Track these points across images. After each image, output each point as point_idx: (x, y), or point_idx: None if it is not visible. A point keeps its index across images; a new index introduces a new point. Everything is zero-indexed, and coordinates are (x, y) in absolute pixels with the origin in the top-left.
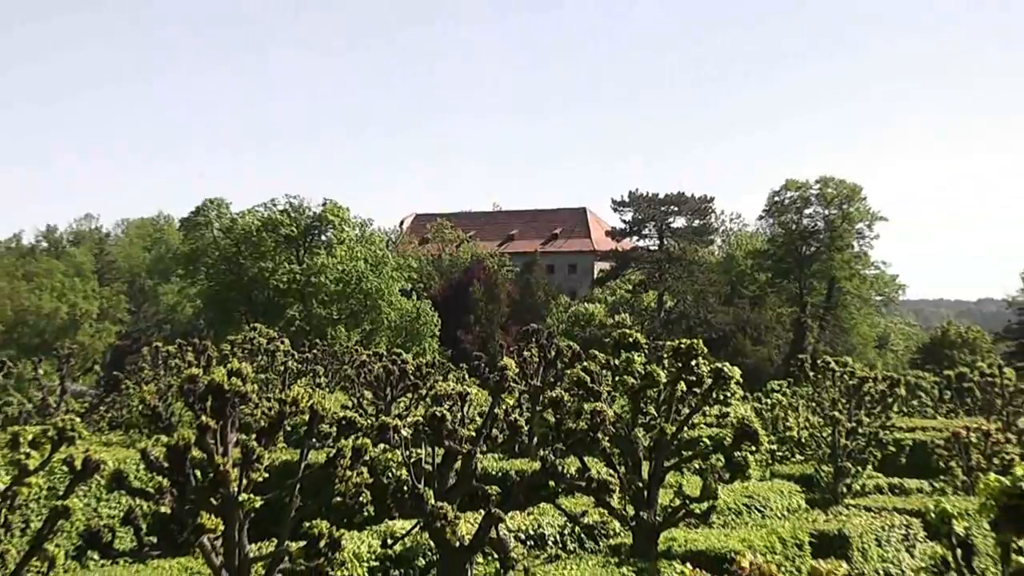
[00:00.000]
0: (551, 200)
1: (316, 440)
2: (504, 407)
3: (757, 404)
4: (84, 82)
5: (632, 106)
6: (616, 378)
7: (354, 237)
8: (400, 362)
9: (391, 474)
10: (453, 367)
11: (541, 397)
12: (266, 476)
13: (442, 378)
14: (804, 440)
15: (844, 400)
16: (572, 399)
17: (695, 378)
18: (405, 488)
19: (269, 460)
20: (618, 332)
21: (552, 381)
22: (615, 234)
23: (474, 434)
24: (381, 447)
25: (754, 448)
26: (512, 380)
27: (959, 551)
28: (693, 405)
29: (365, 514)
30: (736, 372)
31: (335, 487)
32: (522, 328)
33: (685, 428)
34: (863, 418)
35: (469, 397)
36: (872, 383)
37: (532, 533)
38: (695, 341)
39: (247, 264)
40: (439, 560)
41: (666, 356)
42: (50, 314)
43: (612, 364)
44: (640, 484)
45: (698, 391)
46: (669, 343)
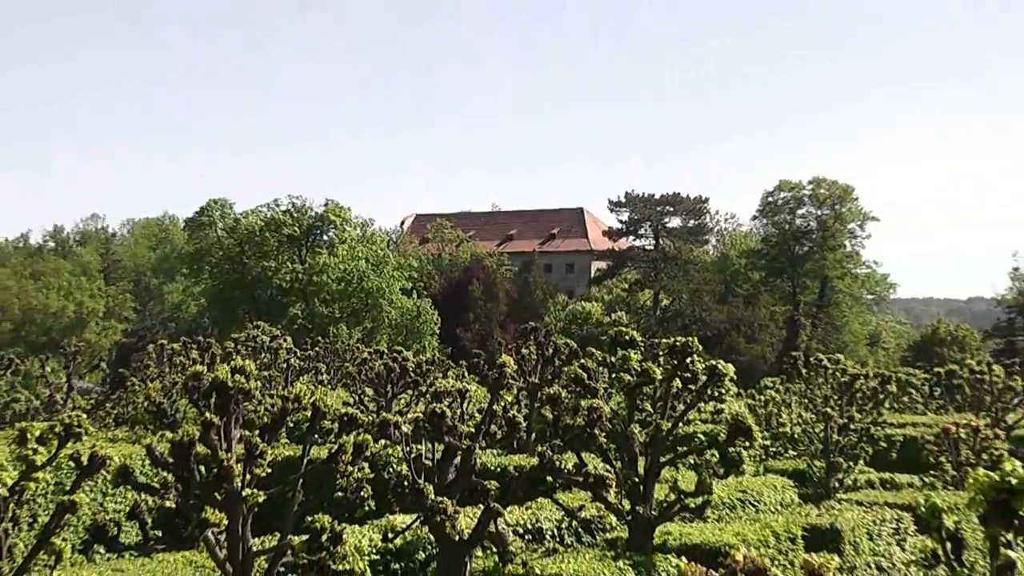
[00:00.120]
0: (550, 200)
1: (318, 436)
2: (503, 404)
3: (751, 401)
4: (84, 82)
5: (631, 107)
6: (613, 375)
7: (355, 237)
8: (401, 360)
9: (392, 469)
10: (453, 365)
11: (539, 394)
12: (269, 471)
13: (442, 375)
14: (797, 436)
15: (836, 397)
16: (569, 396)
17: (690, 375)
18: (406, 483)
19: (272, 456)
20: (614, 330)
21: (550, 378)
22: (612, 234)
23: (473, 430)
24: (382, 443)
25: (748, 444)
26: (510, 377)
27: (949, 544)
28: (688, 402)
29: (366, 508)
30: (730, 369)
31: (337, 482)
32: (520, 326)
33: (680, 424)
34: (855, 414)
35: (468, 394)
36: (864, 380)
37: (530, 527)
38: (690, 339)
39: (250, 263)
40: (439, 553)
41: (662, 354)
42: (57, 312)
43: (609, 361)
44: (636, 479)
45: (693, 388)
46: (665, 341)
